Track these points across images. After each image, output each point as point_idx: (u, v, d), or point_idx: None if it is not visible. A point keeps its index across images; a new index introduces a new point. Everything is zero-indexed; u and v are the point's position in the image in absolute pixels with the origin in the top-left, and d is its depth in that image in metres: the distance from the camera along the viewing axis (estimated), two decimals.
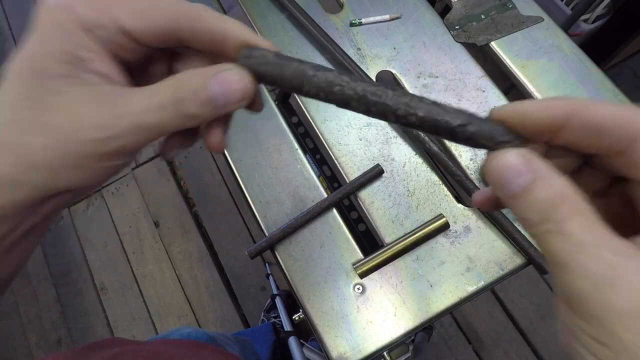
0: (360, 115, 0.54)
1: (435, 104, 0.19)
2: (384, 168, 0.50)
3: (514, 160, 0.16)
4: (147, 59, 0.21)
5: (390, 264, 0.46)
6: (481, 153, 0.51)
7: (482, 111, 0.53)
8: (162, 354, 0.38)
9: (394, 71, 0.56)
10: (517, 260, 0.46)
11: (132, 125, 0.17)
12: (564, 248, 0.14)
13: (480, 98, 0.53)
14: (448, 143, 0.52)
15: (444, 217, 0.46)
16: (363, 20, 0.59)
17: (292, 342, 0.78)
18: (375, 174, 0.49)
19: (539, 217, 0.15)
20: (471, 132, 0.18)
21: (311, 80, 0.19)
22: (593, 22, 0.94)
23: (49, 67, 0.17)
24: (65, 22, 0.17)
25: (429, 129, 0.19)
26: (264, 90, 0.57)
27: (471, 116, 0.18)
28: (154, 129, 0.18)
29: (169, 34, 0.19)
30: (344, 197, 0.49)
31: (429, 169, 0.51)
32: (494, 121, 0.18)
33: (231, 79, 0.18)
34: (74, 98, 0.17)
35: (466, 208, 0.48)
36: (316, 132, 0.54)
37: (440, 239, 0.47)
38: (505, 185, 0.16)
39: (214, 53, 0.20)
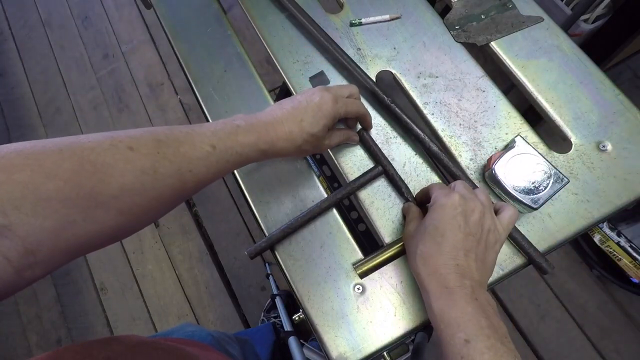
0: None
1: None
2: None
3: (407, 204, 0.48)
4: None
5: (391, 263, 0.46)
6: (481, 154, 0.51)
7: (482, 111, 0.53)
8: (179, 350, 0.38)
9: (394, 71, 0.56)
10: (517, 260, 0.46)
11: (329, 143, 0.47)
12: (407, 227, 0.44)
13: (480, 98, 0.53)
14: (448, 143, 0.52)
15: None
16: (363, 20, 0.59)
17: (292, 342, 0.77)
18: (375, 174, 0.49)
19: (408, 217, 0.46)
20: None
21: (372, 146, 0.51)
22: (593, 22, 0.94)
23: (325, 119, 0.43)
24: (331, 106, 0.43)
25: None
26: (265, 92, 0.57)
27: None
28: (332, 145, 0.48)
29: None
30: (344, 197, 0.49)
31: (429, 169, 0.51)
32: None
33: (355, 138, 0.51)
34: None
35: None
36: None
37: None
38: (405, 207, 0.48)
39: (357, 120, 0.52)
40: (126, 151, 0.30)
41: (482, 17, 0.58)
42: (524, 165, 0.46)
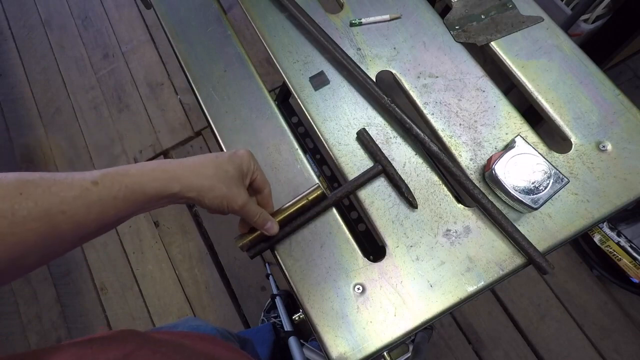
0: (361, 116, 0.54)
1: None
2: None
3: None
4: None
5: (392, 264, 0.46)
6: (481, 154, 0.51)
7: (482, 111, 0.53)
8: (185, 348, 0.38)
9: (394, 71, 0.56)
10: (517, 260, 0.46)
11: (243, 203, 0.42)
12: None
13: (480, 98, 0.53)
14: (448, 143, 0.52)
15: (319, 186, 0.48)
16: (363, 20, 0.59)
17: (292, 342, 0.78)
18: (374, 172, 0.49)
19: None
20: None
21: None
22: (593, 22, 0.94)
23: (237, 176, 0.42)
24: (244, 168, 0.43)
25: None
26: (265, 92, 0.57)
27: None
28: (244, 209, 0.42)
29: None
30: (344, 196, 0.49)
31: (429, 169, 0.51)
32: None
33: (271, 229, 0.45)
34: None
35: (466, 208, 0.48)
36: (316, 132, 0.54)
37: (440, 238, 0.47)
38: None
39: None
40: None
41: (482, 17, 0.58)
42: (524, 165, 0.46)
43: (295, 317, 0.88)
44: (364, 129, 0.52)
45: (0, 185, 0.28)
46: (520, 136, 0.48)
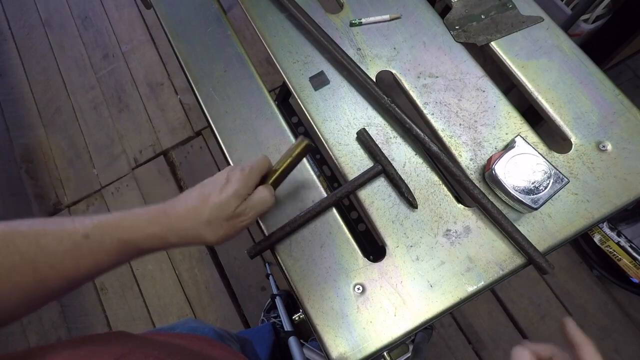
0: (361, 116, 0.54)
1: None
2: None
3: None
4: None
5: (392, 264, 0.46)
6: (481, 154, 0.51)
7: (482, 111, 0.53)
8: (180, 349, 0.38)
9: (394, 71, 0.56)
10: (517, 260, 0.46)
11: (245, 217, 0.40)
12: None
13: (480, 98, 0.53)
14: (448, 143, 0.52)
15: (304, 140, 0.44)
16: (363, 20, 0.59)
17: (292, 342, 0.78)
18: (374, 172, 0.49)
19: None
20: None
21: None
22: (593, 22, 0.94)
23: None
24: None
25: None
26: (265, 92, 0.57)
27: None
28: (251, 218, 0.40)
29: None
30: (344, 196, 0.49)
31: (429, 169, 0.51)
32: None
33: (270, 199, 0.42)
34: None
35: (466, 208, 0.48)
36: (316, 132, 0.54)
37: (440, 238, 0.47)
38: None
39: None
40: None
41: (482, 17, 0.58)
42: (524, 165, 0.46)
43: (295, 317, 0.88)
44: (364, 129, 0.52)
45: None
46: (520, 136, 0.48)
